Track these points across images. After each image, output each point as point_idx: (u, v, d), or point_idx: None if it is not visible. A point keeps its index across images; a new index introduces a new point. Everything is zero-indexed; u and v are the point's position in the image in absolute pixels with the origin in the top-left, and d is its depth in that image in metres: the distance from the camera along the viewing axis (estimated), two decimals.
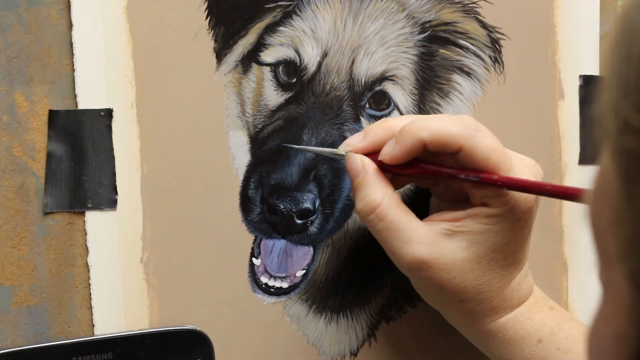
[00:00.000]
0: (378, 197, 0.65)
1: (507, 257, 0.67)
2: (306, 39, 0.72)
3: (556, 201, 0.79)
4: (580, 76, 0.79)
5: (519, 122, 0.78)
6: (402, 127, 0.65)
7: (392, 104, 0.74)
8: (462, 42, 0.75)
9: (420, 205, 0.71)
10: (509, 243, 0.66)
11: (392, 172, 0.67)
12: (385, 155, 0.66)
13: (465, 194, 0.68)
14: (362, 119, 0.73)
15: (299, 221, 0.71)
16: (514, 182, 0.65)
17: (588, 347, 0.42)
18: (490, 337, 0.69)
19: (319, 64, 0.72)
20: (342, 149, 0.68)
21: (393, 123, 0.67)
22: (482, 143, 0.65)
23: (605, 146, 0.39)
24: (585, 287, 0.80)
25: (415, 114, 0.74)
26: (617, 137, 0.38)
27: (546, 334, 0.69)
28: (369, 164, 0.66)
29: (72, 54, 0.68)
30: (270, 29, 0.72)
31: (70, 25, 0.67)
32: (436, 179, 0.69)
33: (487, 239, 0.66)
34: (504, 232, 0.66)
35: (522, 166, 0.67)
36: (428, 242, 0.65)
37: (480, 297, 0.67)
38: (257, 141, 0.72)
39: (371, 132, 0.67)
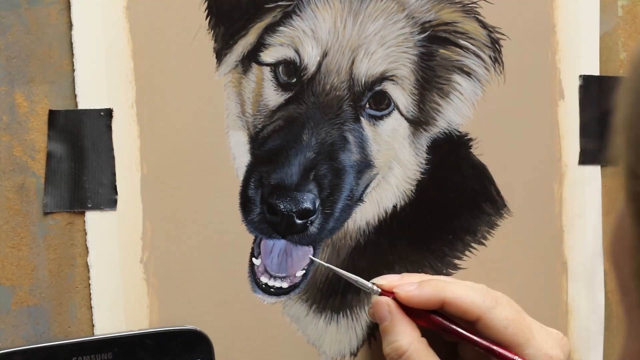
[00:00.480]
0: (405, 343, 0.68)
1: None
2: (306, 39, 0.72)
3: (556, 201, 0.79)
4: (580, 76, 0.79)
5: (519, 122, 0.78)
6: (431, 279, 0.68)
7: (392, 104, 0.74)
8: (462, 42, 0.75)
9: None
10: None
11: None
12: (402, 291, 0.68)
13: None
14: (362, 118, 0.73)
15: (299, 221, 0.71)
16: None
17: None
18: None
19: (319, 64, 0.72)
20: (377, 281, 0.70)
21: (446, 289, 0.69)
22: (501, 315, 0.67)
23: (621, 187, 0.40)
24: (585, 287, 0.80)
25: (415, 113, 0.74)
26: (627, 181, 0.39)
27: None
28: (396, 309, 0.68)
29: (72, 54, 0.68)
30: (270, 29, 0.72)
31: (70, 25, 0.67)
32: (445, 335, 0.71)
33: None
34: None
35: (546, 337, 0.69)
36: None
37: None
38: (257, 141, 0.72)
39: (409, 278, 0.70)
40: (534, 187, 0.77)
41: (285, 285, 0.74)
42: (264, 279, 0.73)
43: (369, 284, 0.71)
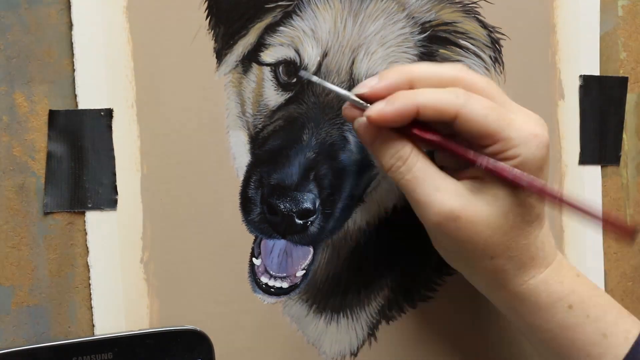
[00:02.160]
0: (407, 149, 0.65)
1: (531, 212, 0.67)
2: (306, 39, 0.72)
3: None
4: (580, 76, 0.79)
5: None
6: (399, 92, 0.64)
7: None
8: (462, 42, 0.75)
9: None
10: (531, 195, 0.66)
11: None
12: (373, 112, 0.64)
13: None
14: None
15: (299, 221, 0.71)
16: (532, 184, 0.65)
17: None
18: (521, 301, 0.69)
19: (319, 64, 0.72)
20: (357, 91, 0.65)
21: (410, 69, 0.66)
22: (478, 105, 0.64)
23: None
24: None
25: None
26: None
27: (576, 300, 0.68)
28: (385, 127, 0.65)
29: (72, 54, 0.68)
30: (271, 29, 0.72)
31: (70, 25, 0.67)
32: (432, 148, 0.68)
33: (511, 194, 0.66)
34: None
35: (527, 117, 0.66)
36: (457, 192, 0.65)
37: (509, 254, 0.67)
38: (257, 141, 0.72)
39: (387, 75, 0.66)
40: None
41: (285, 285, 0.74)
42: (264, 279, 0.73)
43: (352, 96, 0.66)
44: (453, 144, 0.66)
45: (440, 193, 0.65)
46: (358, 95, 0.65)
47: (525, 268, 0.68)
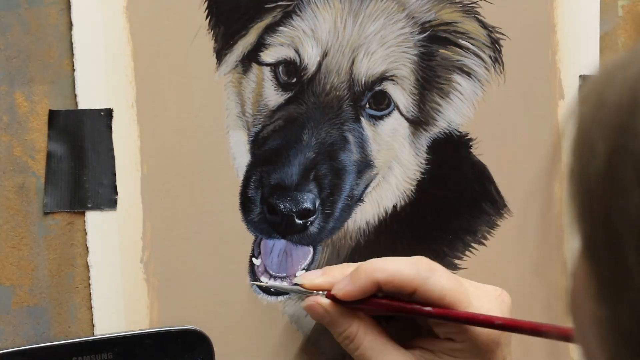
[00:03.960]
0: (354, 328, 0.69)
1: None
2: (306, 39, 0.72)
3: (556, 201, 0.79)
4: (580, 76, 0.79)
5: (519, 122, 0.78)
6: (358, 266, 0.69)
7: (392, 103, 0.74)
8: (462, 42, 0.75)
9: None
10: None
11: (346, 306, 0.69)
12: (339, 290, 0.68)
13: (427, 327, 0.70)
14: (362, 119, 0.73)
15: (299, 221, 0.71)
16: (462, 317, 0.67)
17: None
18: None
19: (319, 64, 0.72)
20: (297, 281, 0.71)
21: (352, 267, 0.70)
22: (438, 284, 0.68)
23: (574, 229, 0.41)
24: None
25: (415, 113, 0.74)
26: (579, 224, 0.38)
27: None
28: (330, 306, 0.69)
29: (72, 54, 0.68)
30: (270, 29, 0.72)
31: (70, 25, 0.67)
32: (392, 314, 0.71)
33: None
34: None
35: (483, 299, 0.69)
36: None
37: None
38: (257, 141, 0.72)
39: (329, 272, 0.70)
40: (534, 187, 0.77)
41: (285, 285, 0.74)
42: (264, 279, 0.73)
43: (293, 287, 0.71)
44: (411, 306, 0.69)
45: None
46: (300, 285, 0.71)
47: None
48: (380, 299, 0.69)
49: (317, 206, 0.71)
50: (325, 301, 0.69)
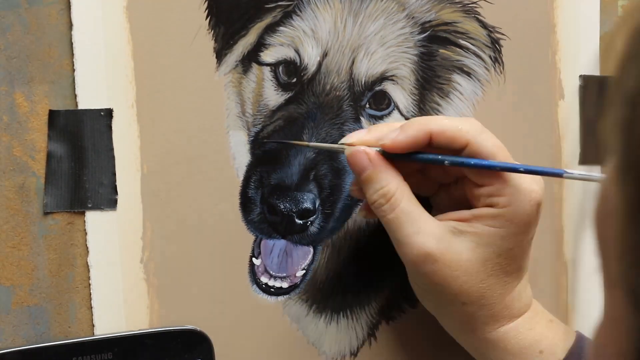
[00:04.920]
0: (392, 186, 0.65)
1: (511, 263, 0.67)
2: (306, 39, 0.72)
3: (556, 201, 0.79)
4: (580, 76, 0.79)
5: (519, 122, 0.78)
6: (411, 119, 0.66)
7: (392, 103, 0.74)
8: (462, 42, 0.75)
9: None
10: (513, 248, 0.66)
11: (395, 159, 0.66)
12: (387, 140, 0.65)
13: (467, 202, 0.68)
14: (362, 119, 0.73)
15: (299, 221, 0.71)
16: (513, 168, 0.65)
17: None
18: (490, 347, 0.68)
19: (319, 64, 0.72)
20: (344, 141, 0.67)
21: (399, 124, 0.67)
22: (489, 141, 0.65)
23: (608, 166, 0.39)
24: (585, 288, 0.80)
25: (415, 114, 0.74)
26: (622, 156, 0.37)
27: (548, 345, 0.68)
28: (376, 156, 0.66)
29: (72, 54, 0.68)
30: (271, 29, 0.72)
31: (70, 25, 0.67)
32: (438, 174, 0.69)
33: (493, 242, 0.65)
34: (510, 237, 0.66)
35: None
36: (437, 236, 0.65)
37: (482, 302, 0.66)
38: (257, 141, 0.72)
39: (376, 128, 0.67)
40: None
41: (285, 285, 0.74)
42: (264, 279, 0.73)
43: (337, 145, 0.68)
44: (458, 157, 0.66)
45: (421, 236, 0.65)
46: (347, 144, 0.67)
47: (497, 317, 0.67)
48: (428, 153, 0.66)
49: (317, 206, 0.71)
50: (371, 150, 0.66)
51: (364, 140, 0.66)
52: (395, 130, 0.66)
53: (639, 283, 0.36)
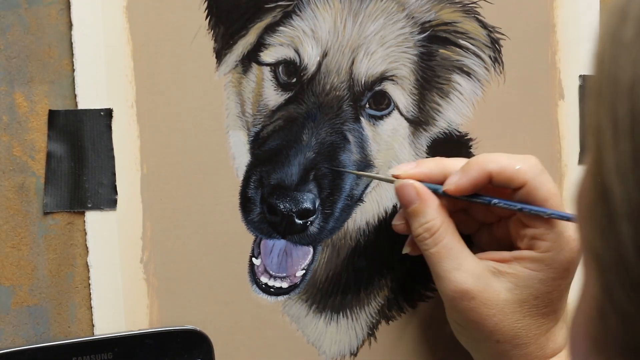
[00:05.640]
0: (437, 222, 0.67)
1: (548, 306, 0.68)
2: (306, 39, 0.72)
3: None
4: (580, 76, 0.79)
5: (519, 122, 0.78)
6: (470, 160, 0.68)
7: (392, 103, 0.74)
8: (462, 42, 0.75)
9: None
10: (552, 292, 0.67)
11: (455, 197, 0.68)
12: (451, 184, 0.67)
13: (508, 241, 0.69)
14: (362, 118, 0.73)
15: (299, 221, 0.71)
16: (563, 217, 0.66)
17: (568, 333, 0.44)
18: None
19: (319, 64, 0.72)
20: (391, 172, 0.69)
21: (447, 161, 0.69)
22: (547, 184, 0.67)
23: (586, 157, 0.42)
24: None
25: (415, 113, 0.74)
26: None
27: None
28: (424, 190, 0.68)
29: (72, 54, 0.68)
30: (270, 29, 0.72)
31: (70, 25, 0.67)
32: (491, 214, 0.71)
33: (531, 285, 0.67)
34: (548, 281, 0.67)
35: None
36: (476, 274, 0.67)
37: (516, 341, 0.68)
38: (257, 141, 0.72)
39: (424, 163, 0.69)
40: None
41: (285, 285, 0.74)
42: (264, 279, 0.73)
43: (387, 177, 0.70)
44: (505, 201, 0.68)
45: (460, 272, 0.67)
46: (394, 175, 0.69)
47: (530, 356, 0.68)
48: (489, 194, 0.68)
49: (317, 206, 0.71)
50: (419, 185, 0.68)
51: (411, 175, 0.68)
52: (456, 173, 0.67)
53: (601, 246, 0.39)
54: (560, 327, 0.70)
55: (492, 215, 0.71)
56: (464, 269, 0.67)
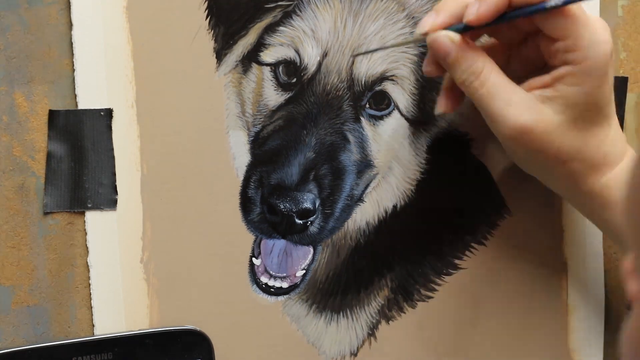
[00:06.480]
0: (480, 63, 0.67)
1: (599, 114, 0.68)
2: (306, 39, 0.72)
3: (556, 201, 0.79)
4: None
5: None
6: None
7: (392, 103, 0.74)
8: None
9: None
10: (599, 100, 0.68)
11: (479, 29, 0.67)
12: (471, 15, 0.66)
13: (541, 64, 0.69)
14: (362, 118, 0.73)
15: (299, 221, 0.71)
16: None
17: (623, 346, 0.44)
18: (594, 198, 0.70)
19: (319, 64, 0.72)
20: (419, 32, 0.68)
21: None
22: None
23: None
24: (585, 287, 0.80)
25: (415, 114, 0.74)
26: None
27: None
28: (458, 37, 0.67)
29: (72, 54, 0.68)
30: (270, 29, 0.72)
31: (70, 25, 0.67)
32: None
33: (579, 100, 0.67)
34: (592, 90, 0.67)
35: (598, 22, 0.68)
36: (528, 106, 0.67)
37: (581, 156, 0.68)
38: (257, 141, 0.72)
39: (443, 8, 0.68)
40: (534, 187, 0.77)
41: (285, 285, 0.74)
42: (264, 279, 0.73)
43: (415, 38, 0.69)
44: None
45: (513, 107, 0.66)
46: (423, 34, 0.67)
47: (597, 167, 0.69)
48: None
49: (317, 206, 0.71)
50: (453, 34, 0.67)
51: (439, 24, 0.67)
52: (474, 4, 0.66)
53: None
54: (616, 132, 0.70)
55: (518, 33, 0.70)
56: (515, 103, 0.66)
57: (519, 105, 0.67)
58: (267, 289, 0.74)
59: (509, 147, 0.70)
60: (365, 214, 0.75)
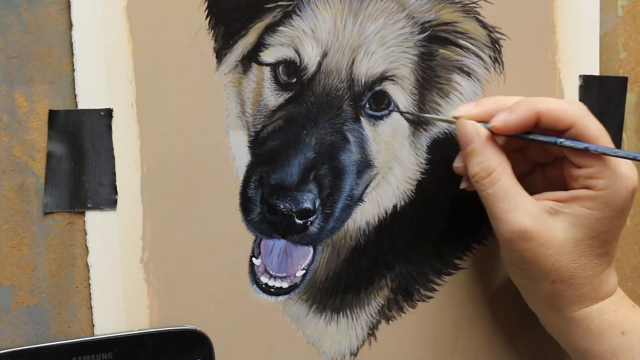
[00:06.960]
0: (494, 162, 0.68)
1: (602, 246, 0.68)
2: (306, 39, 0.72)
3: None
4: (580, 76, 0.79)
5: None
6: (519, 99, 0.68)
7: (392, 103, 0.74)
8: (462, 42, 0.75)
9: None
10: (607, 232, 0.68)
11: (503, 135, 0.69)
12: (498, 122, 0.68)
13: (561, 183, 0.70)
14: (362, 118, 0.73)
15: (299, 221, 0.71)
16: (618, 153, 0.67)
17: None
18: (573, 325, 0.70)
19: (319, 64, 0.72)
20: (453, 114, 0.70)
21: (505, 98, 0.70)
22: (595, 123, 0.67)
23: None
24: None
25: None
26: None
27: (630, 327, 0.69)
28: (484, 131, 0.69)
29: (72, 54, 0.68)
30: (270, 29, 0.72)
31: (70, 25, 0.67)
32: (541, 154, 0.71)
33: (588, 224, 0.67)
34: (604, 220, 0.67)
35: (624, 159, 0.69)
36: (533, 214, 0.67)
37: (571, 281, 0.68)
38: (257, 141, 0.72)
39: (484, 103, 0.70)
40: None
41: (285, 285, 0.74)
42: (264, 279, 0.73)
43: (448, 118, 0.71)
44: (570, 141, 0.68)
45: (517, 212, 0.67)
46: (455, 117, 0.71)
47: (584, 297, 0.69)
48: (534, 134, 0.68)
49: (317, 206, 0.71)
50: (481, 126, 0.68)
51: (472, 115, 0.69)
52: (504, 112, 0.68)
53: None
54: (611, 270, 0.70)
55: (547, 155, 0.71)
56: (521, 210, 0.67)
57: (524, 212, 0.67)
58: (267, 289, 0.74)
59: (505, 249, 0.70)
60: (365, 214, 0.75)
